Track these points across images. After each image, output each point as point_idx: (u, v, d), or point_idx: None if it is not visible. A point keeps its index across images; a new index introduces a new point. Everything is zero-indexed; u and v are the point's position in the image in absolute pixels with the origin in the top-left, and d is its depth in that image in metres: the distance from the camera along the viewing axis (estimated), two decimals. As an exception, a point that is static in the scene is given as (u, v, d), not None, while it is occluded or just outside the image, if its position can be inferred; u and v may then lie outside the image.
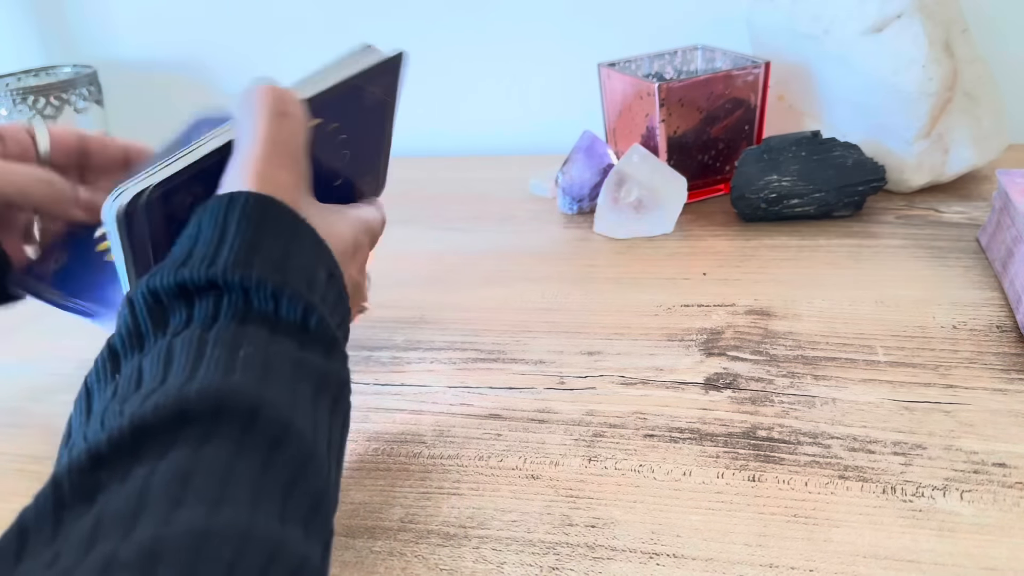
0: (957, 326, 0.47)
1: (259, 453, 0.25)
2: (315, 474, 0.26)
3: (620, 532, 0.34)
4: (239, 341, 0.28)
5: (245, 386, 0.26)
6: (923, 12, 0.59)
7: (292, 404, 0.27)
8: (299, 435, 0.26)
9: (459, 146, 0.90)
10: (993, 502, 0.34)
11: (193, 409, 0.25)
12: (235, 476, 0.24)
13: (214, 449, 0.24)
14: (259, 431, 0.25)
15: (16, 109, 0.83)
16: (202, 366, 0.27)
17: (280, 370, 0.28)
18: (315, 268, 0.32)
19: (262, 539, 0.23)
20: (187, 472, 0.24)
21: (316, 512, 0.26)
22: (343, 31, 0.89)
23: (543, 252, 0.62)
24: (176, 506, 0.22)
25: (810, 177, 0.61)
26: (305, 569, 0.24)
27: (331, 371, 0.30)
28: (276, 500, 0.24)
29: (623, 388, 0.44)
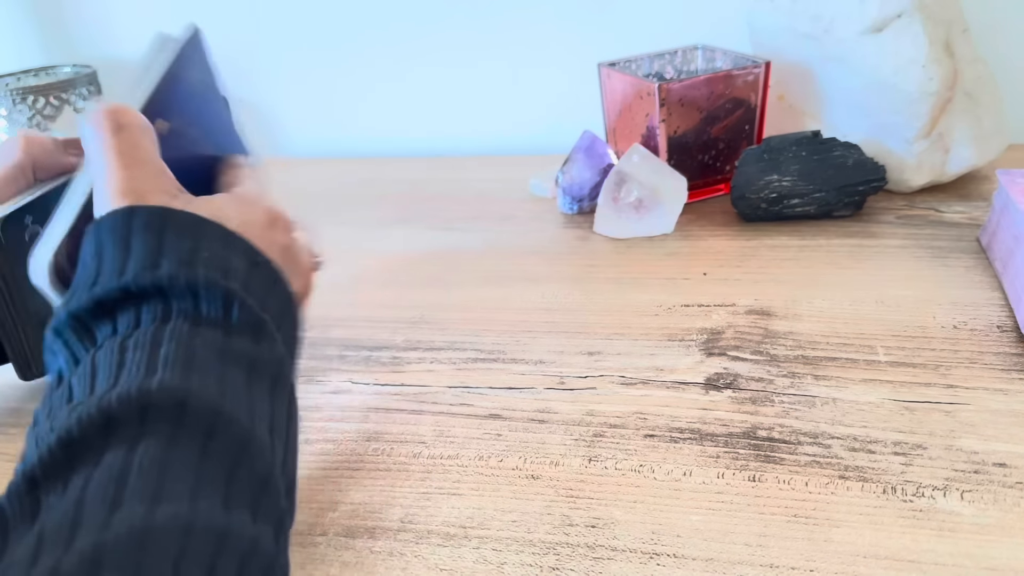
0: (958, 326, 0.47)
1: (194, 444, 0.25)
2: (257, 456, 0.26)
3: (620, 532, 0.34)
4: (159, 340, 0.28)
5: (168, 382, 0.26)
6: (923, 12, 0.59)
7: (221, 392, 0.27)
8: (232, 420, 0.26)
9: (459, 146, 0.90)
10: (994, 502, 0.34)
11: (117, 413, 0.25)
12: (171, 470, 0.24)
13: (146, 447, 0.24)
14: (190, 422, 0.25)
15: (16, 109, 0.83)
16: (124, 371, 0.27)
17: (204, 361, 0.28)
18: (227, 258, 0.32)
19: (206, 528, 0.23)
20: (121, 473, 0.23)
21: (263, 493, 0.26)
22: (343, 31, 0.89)
23: (543, 252, 0.62)
24: (114, 508, 0.22)
25: (810, 177, 0.61)
26: (256, 552, 0.24)
27: (261, 354, 0.30)
28: (218, 487, 0.24)
29: (623, 388, 0.44)
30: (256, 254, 0.33)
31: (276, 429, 0.28)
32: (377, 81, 0.90)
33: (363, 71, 0.90)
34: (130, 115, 0.36)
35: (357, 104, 0.91)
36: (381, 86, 0.90)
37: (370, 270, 0.44)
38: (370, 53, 0.89)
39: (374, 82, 0.90)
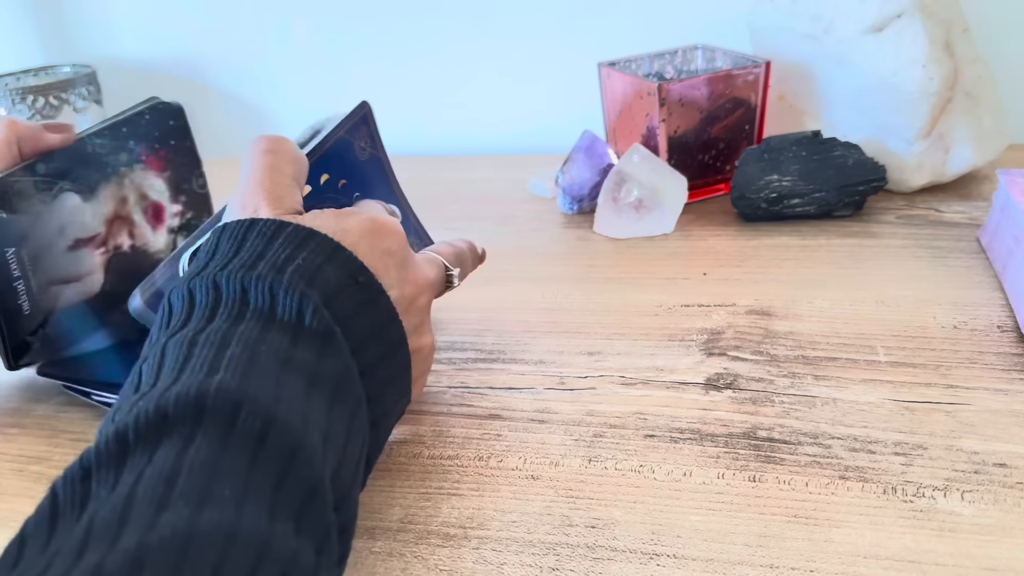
0: (958, 326, 0.47)
1: (245, 449, 0.25)
2: (305, 464, 0.26)
3: (620, 532, 0.34)
4: (228, 340, 0.29)
5: (225, 383, 0.26)
6: (923, 12, 0.59)
7: (276, 397, 0.27)
8: (285, 427, 0.26)
9: (459, 146, 0.90)
10: (994, 502, 0.34)
11: (173, 412, 0.26)
12: (220, 474, 0.24)
13: (198, 448, 0.25)
14: (243, 426, 0.26)
15: (15, 109, 0.83)
16: (188, 367, 0.28)
17: (266, 366, 0.28)
18: (322, 268, 0.32)
19: (248, 538, 0.23)
20: (171, 473, 0.24)
21: (309, 504, 0.26)
22: (342, 31, 0.89)
23: (543, 252, 0.62)
24: (161, 509, 0.23)
25: (810, 177, 0.60)
26: (297, 565, 0.24)
27: (325, 366, 0.30)
28: (265, 495, 0.24)
29: (623, 388, 0.44)
30: (359, 271, 0.34)
31: (331, 440, 0.29)
32: (377, 81, 0.90)
33: (363, 71, 0.90)
34: (283, 144, 0.39)
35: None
36: (381, 86, 0.90)
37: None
38: (370, 53, 0.89)
39: (374, 82, 0.90)
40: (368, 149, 0.47)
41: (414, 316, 0.37)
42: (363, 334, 0.33)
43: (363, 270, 0.34)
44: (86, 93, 0.87)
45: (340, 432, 0.29)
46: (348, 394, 0.31)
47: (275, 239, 0.33)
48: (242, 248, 0.32)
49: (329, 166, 0.44)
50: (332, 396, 0.30)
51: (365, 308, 0.33)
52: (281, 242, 0.33)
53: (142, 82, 0.96)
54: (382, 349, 0.34)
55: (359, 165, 0.46)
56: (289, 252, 0.32)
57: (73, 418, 0.46)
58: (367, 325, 0.33)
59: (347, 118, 0.45)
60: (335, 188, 0.44)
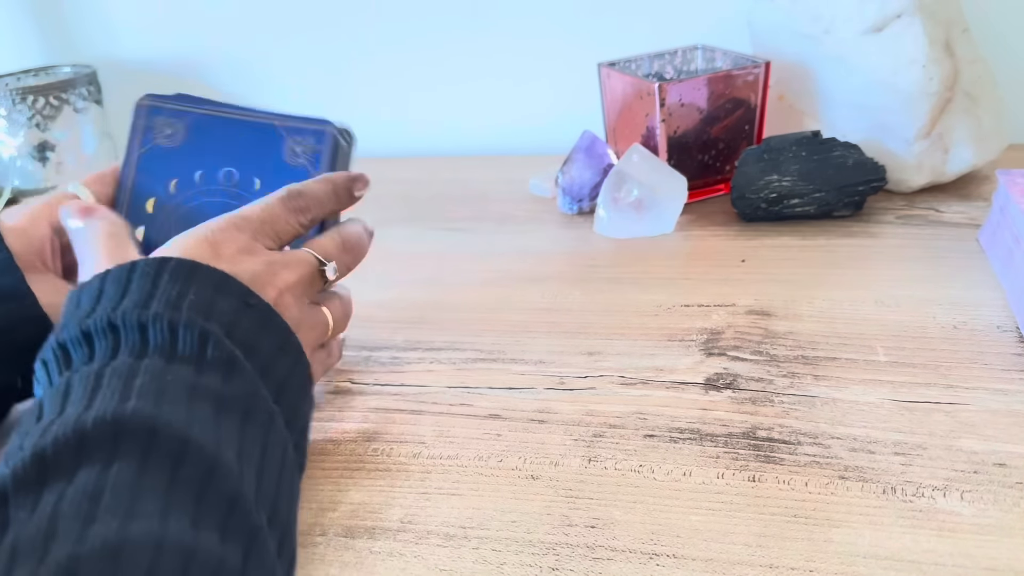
0: (957, 326, 0.47)
1: (164, 466, 0.26)
2: (223, 479, 0.27)
3: (620, 532, 0.34)
4: (135, 372, 0.30)
5: (141, 410, 0.27)
6: (923, 12, 0.59)
7: (188, 422, 0.28)
8: (199, 447, 0.27)
9: (459, 146, 0.90)
10: (993, 502, 0.34)
11: (91, 434, 0.26)
12: (143, 490, 0.25)
13: (119, 468, 0.25)
14: (160, 448, 0.26)
15: (16, 109, 0.83)
16: (98, 396, 0.28)
17: (175, 394, 0.29)
18: (214, 300, 0.33)
19: (176, 545, 0.24)
20: (96, 492, 0.24)
21: (231, 514, 0.26)
22: (342, 31, 0.89)
23: (543, 252, 0.62)
24: (88, 523, 0.23)
25: (810, 177, 0.60)
26: (223, 570, 0.24)
27: (232, 389, 0.31)
28: (187, 508, 0.25)
29: (623, 388, 0.44)
30: (247, 295, 0.35)
31: (246, 457, 0.29)
32: (377, 81, 0.90)
33: (363, 71, 0.90)
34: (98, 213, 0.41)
35: (357, 104, 0.91)
36: (381, 86, 0.90)
37: (370, 270, 0.44)
38: (370, 53, 0.89)
39: (374, 82, 0.90)
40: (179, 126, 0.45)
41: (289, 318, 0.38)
42: (269, 353, 0.34)
43: (250, 293, 0.35)
44: (86, 93, 0.87)
45: (256, 449, 0.30)
46: (258, 412, 0.32)
47: (159, 277, 0.33)
48: (129, 289, 0.33)
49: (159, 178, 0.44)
50: (243, 417, 0.31)
51: (263, 328, 0.35)
52: (168, 279, 0.33)
53: (142, 82, 0.96)
54: (288, 361, 0.35)
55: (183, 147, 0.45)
56: (179, 288, 0.33)
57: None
58: (270, 343, 0.35)
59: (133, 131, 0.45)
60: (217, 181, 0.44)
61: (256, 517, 0.27)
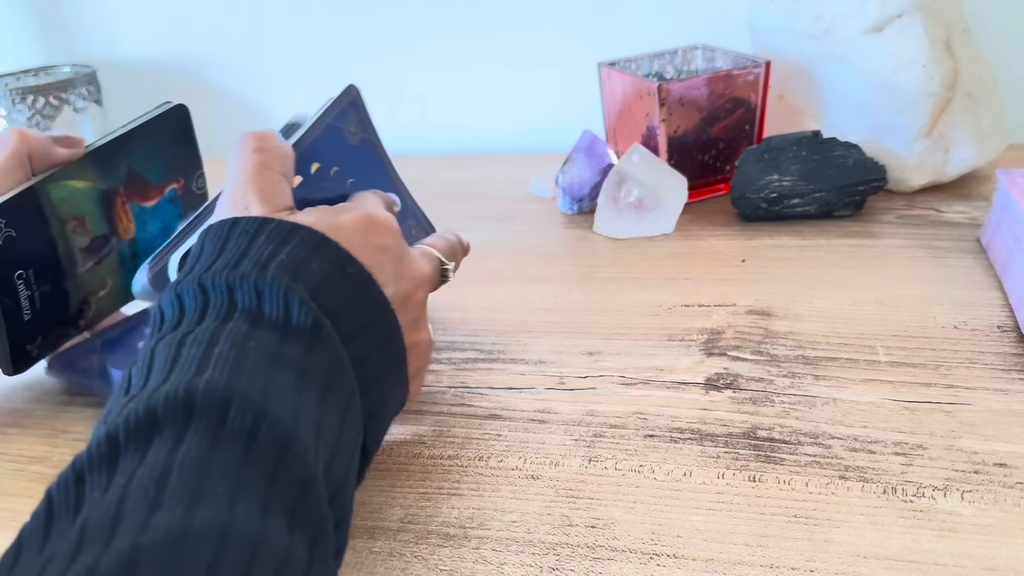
0: (958, 326, 0.47)
1: (236, 445, 0.25)
2: (297, 459, 0.26)
3: (620, 532, 0.34)
4: (215, 339, 0.29)
5: (215, 381, 0.26)
6: (923, 12, 0.59)
7: (265, 392, 0.27)
8: (275, 421, 0.26)
9: (459, 146, 0.90)
10: (994, 502, 0.34)
11: (163, 412, 0.26)
12: (212, 471, 0.24)
13: (189, 447, 0.25)
14: (233, 423, 0.26)
15: (15, 109, 0.83)
16: (176, 367, 0.28)
17: (255, 363, 0.28)
18: (308, 260, 0.32)
19: (241, 536, 0.23)
20: (163, 473, 0.24)
21: (302, 500, 0.26)
22: (342, 31, 0.89)
23: (543, 252, 0.62)
24: (153, 510, 0.23)
25: (811, 177, 0.60)
26: (290, 562, 0.24)
27: (315, 358, 0.30)
28: (257, 492, 0.24)
29: (623, 388, 0.44)
30: (347, 262, 0.34)
31: (323, 433, 0.29)
32: (377, 81, 0.90)
33: (363, 72, 0.90)
34: (270, 141, 0.39)
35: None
36: (381, 86, 0.90)
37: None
38: (370, 53, 0.89)
39: (374, 82, 0.90)
40: (359, 134, 0.46)
41: (410, 312, 0.37)
42: (355, 324, 0.33)
43: (351, 260, 0.34)
44: (86, 93, 0.87)
45: (333, 424, 0.29)
46: (341, 386, 0.31)
47: (258, 236, 0.33)
48: (225, 248, 0.32)
49: (319, 154, 0.43)
50: (324, 389, 0.30)
51: (355, 298, 0.33)
52: (264, 239, 0.33)
53: (142, 82, 0.96)
54: (376, 339, 0.34)
55: (350, 151, 0.46)
56: (273, 248, 0.32)
57: (73, 418, 0.46)
58: (358, 315, 0.33)
59: (334, 103, 0.45)
60: (327, 176, 0.44)
61: (326, 506, 0.27)
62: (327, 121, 0.44)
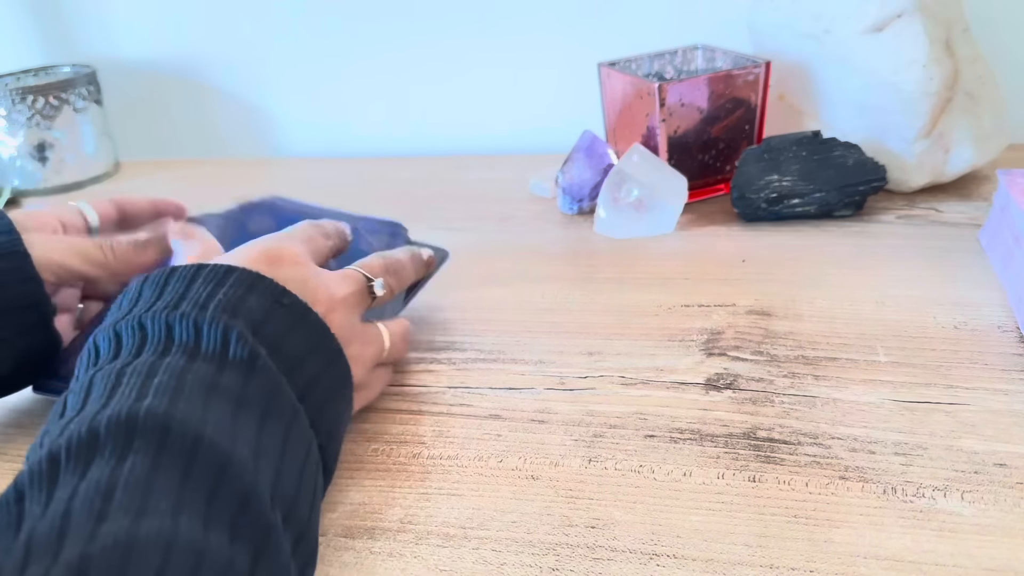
0: (958, 326, 0.47)
1: (176, 464, 0.26)
2: (235, 478, 0.27)
3: (620, 533, 0.34)
4: (155, 371, 0.30)
5: (155, 407, 0.27)
6: (924, 12, 0.59)
7: (203, 419, 0.28)
8: (212, 444, 0.27)
9: (459, 146, 0.90)
10: (994, 503, 0.34)
11: (105, 432, 0.26)
12: (155, 488, 0.25)
13: (132, 465, 0.25)
14: (172, 445, 0.27)
15: (15, 109, 0.83)
16: (116, 394, 0.29)
17: (192, 392, 0.29)
18: (244, 298, 0.34)
19: (185, 547, 0.24)
20: (108, 488, 0.24)
21: (243, 514, 0.26)
22: (342, 31, 0.89)
23: (543, 252, 0.62)
24: (100, 521, 0.23)
25: (810, 177, 0.60)
26: (232, 571, 0.24)
27: (252, 387, 0.31)
28: (198, 507, 0.25)
29: (623, 388, 0.44)
30: (283, 294, 0.35)
31: (264, 455, 0.29)
32: (377, 81, 0.90)
33: (363, 71, 0.90)
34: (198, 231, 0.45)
35: (357, 104, 0.91)
36: (381, 86, 0.90)
37: (370, 270, 0.45)
38: (370, 53, 0.89)
39: (374, 82, 0.90)
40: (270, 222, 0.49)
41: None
42: (299, 351, 0.34)
43: (285, 293, 0.35)
44: (86, 93, 0.87)
45: (275, 446, 0.30)
46: (280, 410, 0.32)
47: (195, 280, 0.34)
48: (164, 292, 0.34)
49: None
50: (262, 414, 0.31)
51: (296, 326, 0.35)
52: (201, 282, 0.34)
53: (142, 82, 0.96)
54: (322, 361, 0.35)
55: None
56: (211, 289, 0.34)
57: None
58: (301, 342, 0.35)
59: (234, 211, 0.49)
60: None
61: (270, 516, 0.27)
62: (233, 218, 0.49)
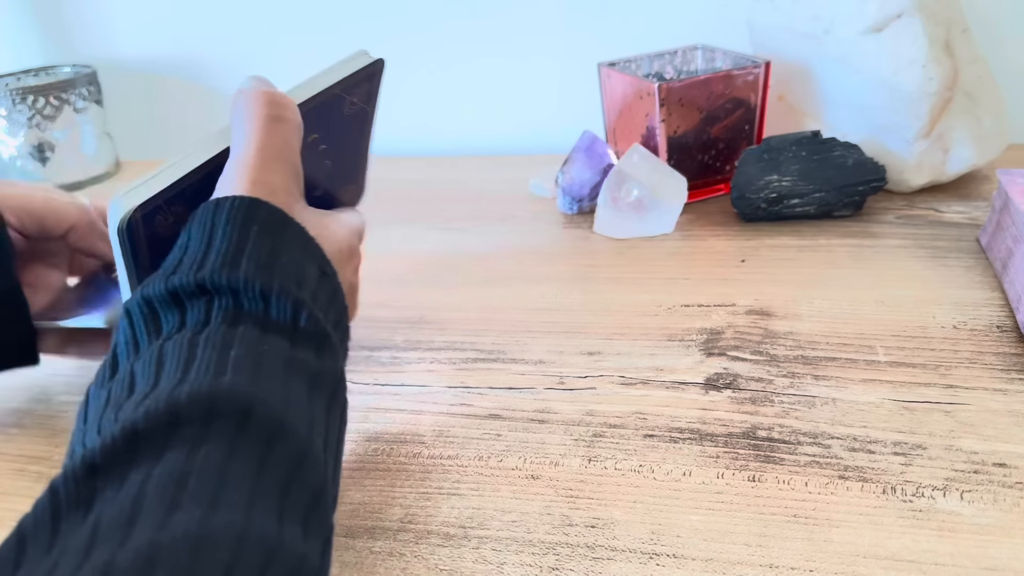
0: (957, 326, 0.47)
1: (254, 452, 0.25)
2: (311, 470, 0.26)
3: (620, 532, 0.34)
4: (230, 342, 0.28)
5: (236, 386, 0.26)
6: (923, 12, 0.59)
7: (285, 401, 0.27)
8: (293, 432, 0.26)
9: (459, 146, 0.90)
10: (993, 502, 0.34)
11: (185, 412, 0.25)
12: (230, 477, 0.24)
13: (208, 451, 0.25)
14: (252, 430, 0.26)
15: (16, 109, 0.83)
16: (193, 368, 0.27)
17: (272, 369, 0.28)
18: (304, 265, 0.32)
19: (259, 539, 0.23)
20: (182, 475, 0.24)
21: (315, 509, 0.26)
22: (341, 31, 0.89)
23: (543, 252, 0.62)
24: (172, 510, 0.23)
25: (810, 177, 0.60)
26: (304, 568, 0.24)
27: (324, 368, 0.30)
28: (273, 499, 0.24)
29: (623, 388, 0.44)
30: (327, 264, 0.34)
31: (329, 444, 0.29)
32: (377, 81, 0.90)
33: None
34: (291, 111, 0.37)
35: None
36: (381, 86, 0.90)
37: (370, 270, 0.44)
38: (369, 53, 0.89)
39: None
40: (359, 104, 0.44)
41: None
42: (337, 327, 0.34)
43: (326, 261, 0.34)
44: (86, 93, 0.87)
45: (334, 436, 0.30)
46: (340, 397, 0.31)
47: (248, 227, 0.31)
48: (214, 237, 0.31)
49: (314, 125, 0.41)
50: (329, 399, 0.30)
51: (331, 302, 0.34)
52: (256, 232, 0.31)
53: (142, 82, 0.96)
54: (344, 336, 0.35)
55: (340, 121, 0.44)
56: (271, 245, 0.31)
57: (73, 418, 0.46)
58: (334, 317, 0.34)
59: (351, 73, 0.42)
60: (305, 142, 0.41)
61: (332, 512, 0.27)
62: (336, 91, 0.42)
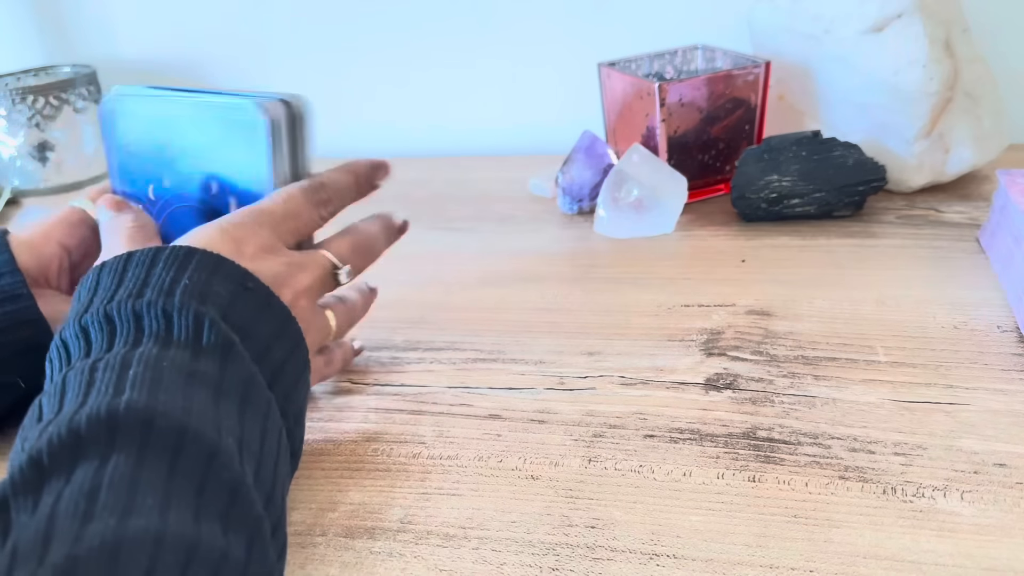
0: (958, 326, 0.47)
1: (162, 459, 0.26)
2: (225, 468, 0.27)
3: (620, 533, 0.34)
4: (128, 363, 0.29)
5: (134, 402, 0.27)
6: (923, 12, 0.59)
7: (187, 410, 0.28)
8: (199, 436, 0.27)
9: (459, 146, 0.90)
10: (994, 502, 0.34)
11: (86, 432, 0.26)
12: (141, 484, 0.25)
13: (117, 463, 0.25)
14: (156, 440, 0.26)
15: (16, 109, 0.83)
16: (92, 392, 0.28)
17: (171, 382, 0.29)
18: (210, 283, 0.33)
19: (176, 540, 0.23)
20: (92, 489, 0.24)
21: (233, 505, 0.26)
22: (341, 31, 0.89)
23: (543, 252, 0.62)
24: (86, 522, 0.23)
25: (810, 177, 0.60)
26: (227, 563, 0.24)
27: (229, 374, 0.31)
28: (188, 501, 0.25)
29: (623, 388, 0.44)
30: (246, 278, 0.34)
31: (246, 444, 0.29)
32: (377, 81, 0.90)
33: (363, 71, 0.90)
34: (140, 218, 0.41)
35: (357, 104, 0.91)
36: (381, 86, 0.90)
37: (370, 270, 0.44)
38: (370, 53, 0.89)
39: (374, 82, 0.90)
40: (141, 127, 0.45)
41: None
42: (266, 337, 0.34)
43: (249, 276, 0.35)
44: (86, 93, 0.87)
45: (255, 436, 0.30)
46: (257, 399, 0.31)
47: (155, 265, 0.33)
48: (124, 279, 0.33)
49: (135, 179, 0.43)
50: (241, 403, 0.30)
51: (261, 312, 0.34)
52: (162, 267, 0.33)
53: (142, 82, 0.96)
54: (287, 346, 0.35)
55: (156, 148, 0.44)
56: (173, 274, 0.33)
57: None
58: (268, 328, 0.34)
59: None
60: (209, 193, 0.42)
61: (258, 505, 0.27)
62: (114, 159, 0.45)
